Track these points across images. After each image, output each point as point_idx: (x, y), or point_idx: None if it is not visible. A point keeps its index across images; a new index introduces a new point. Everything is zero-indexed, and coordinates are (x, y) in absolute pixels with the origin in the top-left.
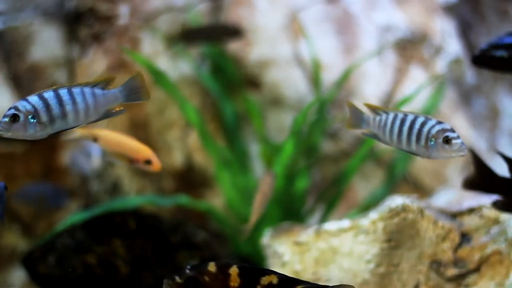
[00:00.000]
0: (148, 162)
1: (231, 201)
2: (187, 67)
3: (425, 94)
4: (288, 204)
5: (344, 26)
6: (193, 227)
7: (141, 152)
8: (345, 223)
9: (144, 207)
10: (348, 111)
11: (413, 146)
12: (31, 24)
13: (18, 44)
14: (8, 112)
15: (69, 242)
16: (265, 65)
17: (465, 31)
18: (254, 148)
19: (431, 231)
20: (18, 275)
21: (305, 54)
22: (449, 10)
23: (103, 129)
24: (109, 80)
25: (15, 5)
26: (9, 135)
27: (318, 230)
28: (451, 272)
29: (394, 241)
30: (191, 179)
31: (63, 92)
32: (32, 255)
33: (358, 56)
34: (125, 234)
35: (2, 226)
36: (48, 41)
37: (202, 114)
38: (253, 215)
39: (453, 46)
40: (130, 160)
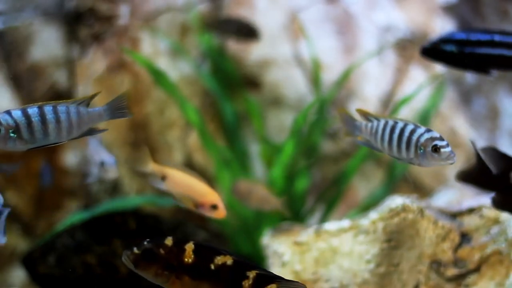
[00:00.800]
0: (214, 207)
1: (231, 201)
2: (187, 67)
3: (425, 94)
4: (288, 204)
5: (344, 26)
6: (193, 227)
7: (208, 196)
8: (345, 223)
9: (144, 207)
10: (341, 119)
11: (404, 154)
12: (31, 24)
13: (18, 44)
14: None
15: (69, 242)
16: (265, 65)
17: None
18: (254, 148)
19: (431, 231)
20: (18, 275)
21: (305, 54)
22: (449, 10)
23: (173, 168)
24: (94, 96)
25: (15, 5)
26: None
27: (318, 230)
28: (451, 272)
29: (394, 241)
30: None
31: (48, 110)
32: (32, 255)
33: (358, 56)
34: (125, 234)
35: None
36: (48, 41)
37: (202, 114)
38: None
39: None
40: (195, 205)
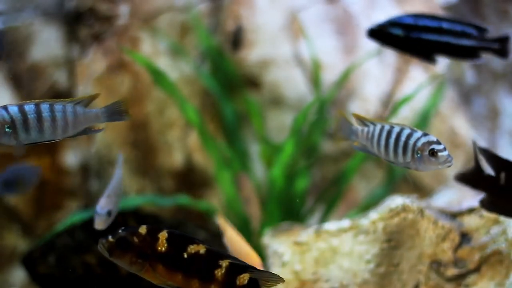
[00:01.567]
0: None
1: (231, 201)
2: (187, 67)
3: (425, 94)
4: (288, 204)
5: (344, 26)
6: (193, 227)
7: (251, 261)
8: (345, 223)
9: (144, 207)
10: (339, 123)
11: (400, 159)
12: (31, 24)
13: (18, 44)
14: None
15: (69, 242)
16: (265, 65)
17: None
18: (254, 148)
19: (431, 231)
20: (18, 275)
21: (305, 54)
22: (449, 10)
23: (233, 228)
24: (93, 98)
25: (15, 5)
26: None
27: (318, 230)
28: (451, 272)
29: (394, 241)
30: (191, 179)
31: (44, 108)
32: (32, 255)
33: (358, 56)
34: None
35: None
36: (48, 41)
37: (202, 114)
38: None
39: None
40: None
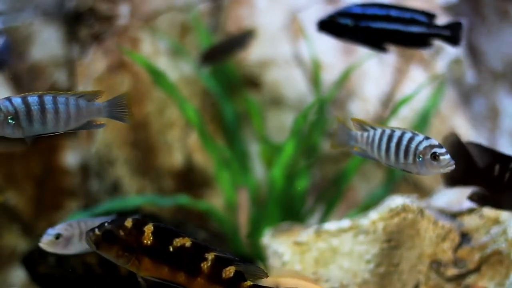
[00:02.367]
0: None
1: (231, 201)
2: (187, 67)
3: (425, 94)
4: (288, 204)
5: None
6: (193, 227)
7: None
8: (345, 223)
9: (144, 207)
10: (336, 129)
11: (402, 162)
12: (31, 24)
13: (18, 44)
14: None
15: None
16: (265, 65)
17: (465, 31)
18: (254, 148)
19: (431, 231)
20: (18, 275)
21: (305, 54)
22: (449, 10)
23: (289, 278)
24: (97, 94)
25: (15, 5)
26: None
27: (318, 230)
28: (451, 272)
29: (394, 241)
30: (191, 179)
31: (48, 100)
32: (32, 255)
33: (358, 56)
34: None
35: None
36: (48, 41)
37: (202, 114)
38: None
39: None
40: None
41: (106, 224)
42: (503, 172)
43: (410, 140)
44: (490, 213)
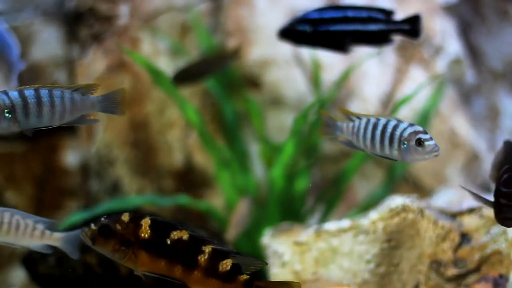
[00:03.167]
0: None
1: (231, 201)
2: None
3: (425, 94)
4: (288, 204)
5: None
6: (193, 227)
7: None
8: (345, 223)
9: (144, 207)
10: (323, 121)
11: (387, 150)
12: (31, 24)
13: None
14: None
15: None
16: (265, 65)
17: (465, 31)
18: (254, 148)
19: (431, 231)
20: (18, 275)
21: (305, 54)
22: (449, 10)
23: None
24: (91, 88)
25: (15, 5)
26: None
27: (318, 230)
28: (451, 272)
29: (394, 241)
30: (191, 179)
31: (44, 93)
32: (32, 255)
33: (358, 56)
34: None
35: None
36: (48, 41)
37: (202, 114)
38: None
39: (453, 46)
40: None
41: (103, 219)
42: None
43: (395, 128)
44: (490, 213)
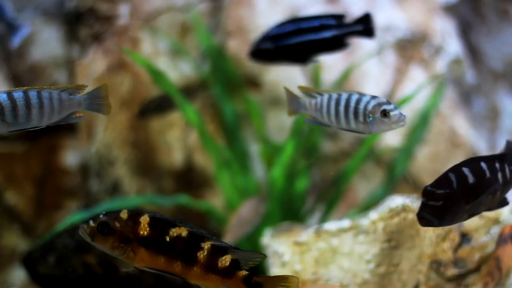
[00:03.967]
0: None
1: (231, 201)
2: (187, 67)
3: (425, 94)
4: (288, 204)
5: None
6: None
7: None
8: (345, 223)
9: (144, 207)
10: (287, 98)
11: (353, 124)
12: (31, 24)
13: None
14: None
15: (69, 242)
16: (265, 65)
17: (465, 31)
18: (254, 148)
19: (431, 231)
20: (18, 275)
21: None
22: (449, 10)
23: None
24: (79, 88)
25: (15, 5)
26: None
27: (318, 230)
28: (451, 272)
29: (394, 241)
30: (191, 179)
31: (33, 95)
32: (32, 255)
33: (358, 56)
34: None
35: None
36: (48, 41)
37: (202, 114)
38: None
39: (453, 46)
40: None
41: (101, 216)
42: None
43: (358, 102)
44: (490, 213)
